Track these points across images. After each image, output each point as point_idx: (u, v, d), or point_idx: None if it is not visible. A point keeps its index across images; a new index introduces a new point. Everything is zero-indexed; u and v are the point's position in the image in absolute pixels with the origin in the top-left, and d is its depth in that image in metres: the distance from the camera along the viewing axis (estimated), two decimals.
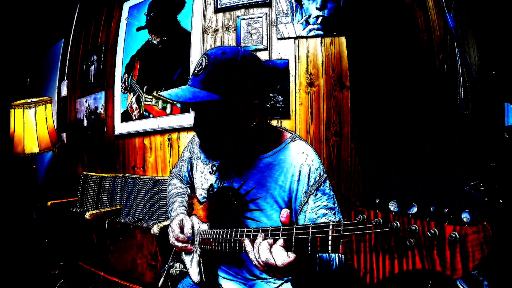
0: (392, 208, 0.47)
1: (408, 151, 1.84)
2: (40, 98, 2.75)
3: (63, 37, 3.37)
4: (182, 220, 1.02)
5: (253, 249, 0.70)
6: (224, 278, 1.02)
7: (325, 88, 2.09)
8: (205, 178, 1.03)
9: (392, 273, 0.46)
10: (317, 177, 0.86)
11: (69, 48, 3.32)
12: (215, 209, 0.98)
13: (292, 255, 0.64)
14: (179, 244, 1.00)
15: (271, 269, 0.67)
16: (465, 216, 0.41)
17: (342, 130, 2.04)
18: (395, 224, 0.46)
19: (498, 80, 1.48)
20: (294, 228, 0.64)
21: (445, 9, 1.35)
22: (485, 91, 1.47)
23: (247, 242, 0.72)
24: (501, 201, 1.17)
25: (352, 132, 2.02)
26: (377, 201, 0.50)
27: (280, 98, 2.13)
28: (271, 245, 0.67)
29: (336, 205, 0.88)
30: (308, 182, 0.86)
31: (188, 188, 1.20)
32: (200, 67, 0.81)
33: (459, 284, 1.29)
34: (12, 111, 2.63)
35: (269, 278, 0.97)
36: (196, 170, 1.08)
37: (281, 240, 0.66)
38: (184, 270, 1.10)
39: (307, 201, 0.86)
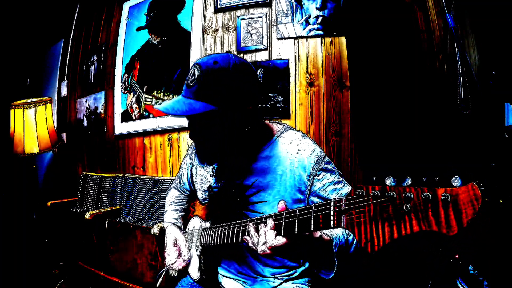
0: (388, 183, 0.51)
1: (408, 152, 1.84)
2: (40, 98, 2.76)
3: (63, 37, 3.37)
4: (176, 239, 1.08)
5: (258, 235, 0.72)
6: (224, 276, 1.03)
7: (325, 88, 2.09)
8: (205, 180, 1.06)
9: (391, 239, 0.48)
10: (316, 158, 0.89)
11: (69, 48, 3.32)
12: (217, 206, 0.99)
13: (282, 238, 0.67)
14: (171, 264, 1.05)
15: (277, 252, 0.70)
16: (455, 180, 0.44)
17: (342, 130, 2.04)
18: (391, 194, 0.49)
19: (498, 80, 1.48)
20: (297, 210, 0.67)
21: (445, 9, 1.35)
22: (485, 91, 1.47)
23: (251, 229, 0.75)
24: (501, 201, 1.17)
25: (352, 132, 2.02)
26: (374, 178, 0.53)
27: (280, 98, 2.13)
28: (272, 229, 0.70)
29: (342, 178, 0.90)
30: (309, 165, 0.89)
31: (184, 196, 1.24)
32: (193, 77, 0.82)
33: (459, 284, 1.29)
34: (12, 111, 2.63)
35: (269, 277, 0.97)
36: (196, 175, 1.10)
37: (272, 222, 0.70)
38: (183, 270, 1.10)
39: (312, 183, 0.88)
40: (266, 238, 0.69)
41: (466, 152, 1.52)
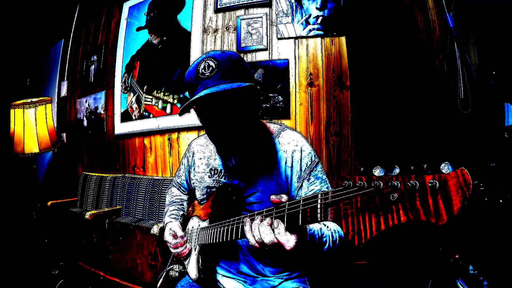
0: (376, 173, 0.49)
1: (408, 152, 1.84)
2: (40, 98, 2.75)
3: (63, 37, 3.38)
4: (171, 228, 1.08)
5: (252, 229, 0.71)
6: (224, 276, 1.03)
7: (325, 88, 2.09)
8: (203, 181, 1.06)
9: (379, 230, 0.47)
10: (309, 162, 0.91)
11: (69, 48, 3.32)
12: (215, 206, 1.00)
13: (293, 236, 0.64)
14: (178, 250, 1.04)
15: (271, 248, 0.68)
16: (445, 166, 0.41)
17: (342, 130, 2.04)
18: (378, 183, 0.47)
19: (498, 80, 1.48)
20: (286, 204, 0.66)
21: (445, 9, 1.35)
22: (485, 91, 1.47)
23: (247, 224, 0.73)
24: (501, 201, 1.17)
25: (352, 132, 2.02)
26: (362, 169, 0.51)
27: (280, 98, 2.13)
28: (270, 224, 0.68)
29: (330, 188, 0.91)
30: (301, 167, 0.90)
31: (184, 195, 1.24)
32: (211, 68, 0.83)
33: (459, 284, 1.29)
34: (12, 111, 2.63)
35: (270, 276, 0.97)
36: (193, 175, 1.11)
37: (268, 219, 0.68)
38: (184, 270, 1.11)
39: (301, 186, 0.90)
40: (262, 231, 0.68)
41: (466, 152, 1.52)
